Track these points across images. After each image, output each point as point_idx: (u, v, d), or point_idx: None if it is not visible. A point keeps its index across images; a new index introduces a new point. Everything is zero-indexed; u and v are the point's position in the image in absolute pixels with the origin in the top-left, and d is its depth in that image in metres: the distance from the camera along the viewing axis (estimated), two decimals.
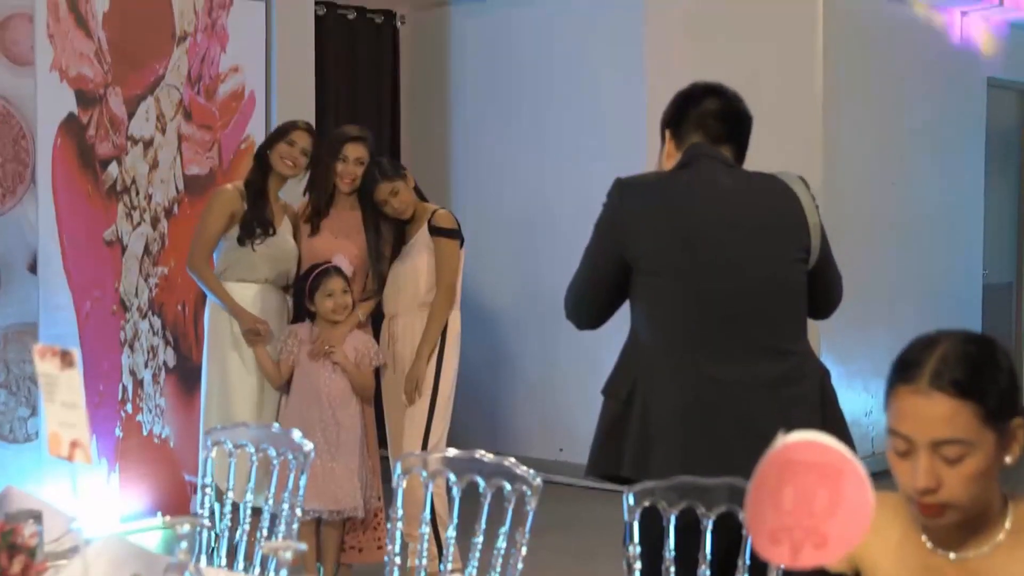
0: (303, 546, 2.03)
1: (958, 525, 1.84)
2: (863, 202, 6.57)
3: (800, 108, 6.22)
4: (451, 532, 2.82)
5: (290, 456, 2.95)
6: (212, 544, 3.15)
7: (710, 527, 2.43)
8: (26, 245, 5.20)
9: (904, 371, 1.83)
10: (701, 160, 2.93)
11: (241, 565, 2.98)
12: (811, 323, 3.00)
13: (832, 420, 2.87)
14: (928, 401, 1.79)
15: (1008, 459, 1.84)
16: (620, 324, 3.01)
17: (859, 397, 6.44)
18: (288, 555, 2.07)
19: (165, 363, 5.62)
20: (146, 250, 5.54)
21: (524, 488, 2.60)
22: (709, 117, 2.97)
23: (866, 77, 6.55)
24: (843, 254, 6.40)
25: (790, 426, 1.55)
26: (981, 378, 1.80)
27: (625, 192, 2.93)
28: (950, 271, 7.29)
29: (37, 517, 2.29)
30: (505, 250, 6.77)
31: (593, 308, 3.02)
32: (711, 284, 2.85)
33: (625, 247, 2.90)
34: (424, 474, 2.79)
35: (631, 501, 2.50)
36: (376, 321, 4.83)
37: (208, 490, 3.08)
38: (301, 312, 4.62)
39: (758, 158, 3.07)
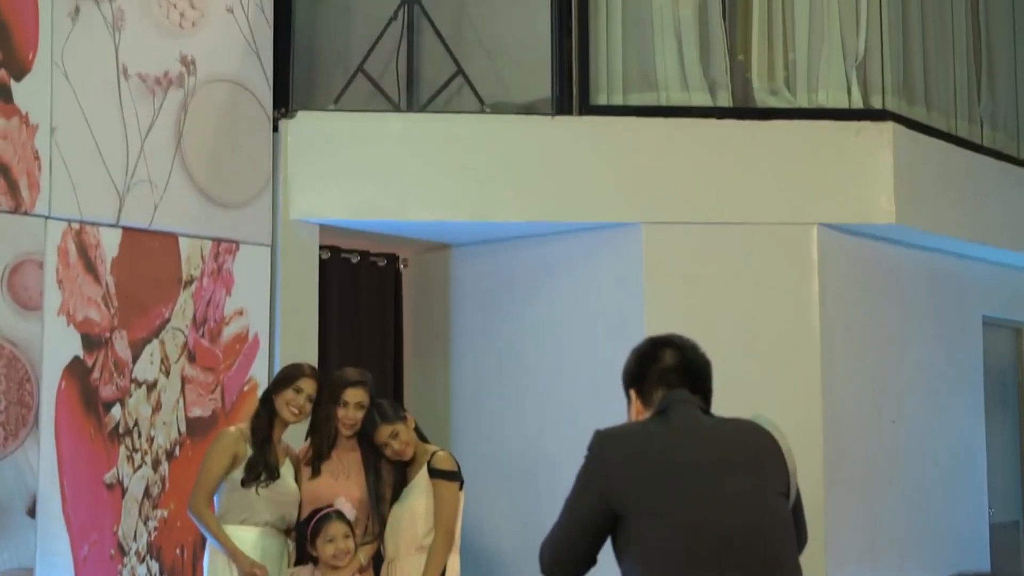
0: None
1: None
2: (863, 441, 6.56)
3: (798, 349, 6.28)
4: None
5: None
6: None
7: None
8: (26, 489, 5.18)
9: None
10: (678, 405, 2.98)
11: None
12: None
13: None
14: None
15: None
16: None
17: None
18: None
19: None
20: (146, 493, 5.52)
21: None
22: (670, 372, 3.03)
23: (863, 317, 6.63)
24: (845, 493, 6.37)
25: None
26: None
27: (606, 442, 2.96)
28: (955, 510, 7.23)
29: None
30: (506, 492, 6.73)
31: (571, 562, 2.99)
32: (705, 517, 2.84)
33: (611, 495, 2.89)
34: None
35: None
36: (377, 563, 4.78)
37: None
38: (303, 555, 4.58)
39: (757, 399, 3.10)
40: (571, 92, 6.35)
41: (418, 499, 4.69)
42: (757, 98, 6.54)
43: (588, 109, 6.36)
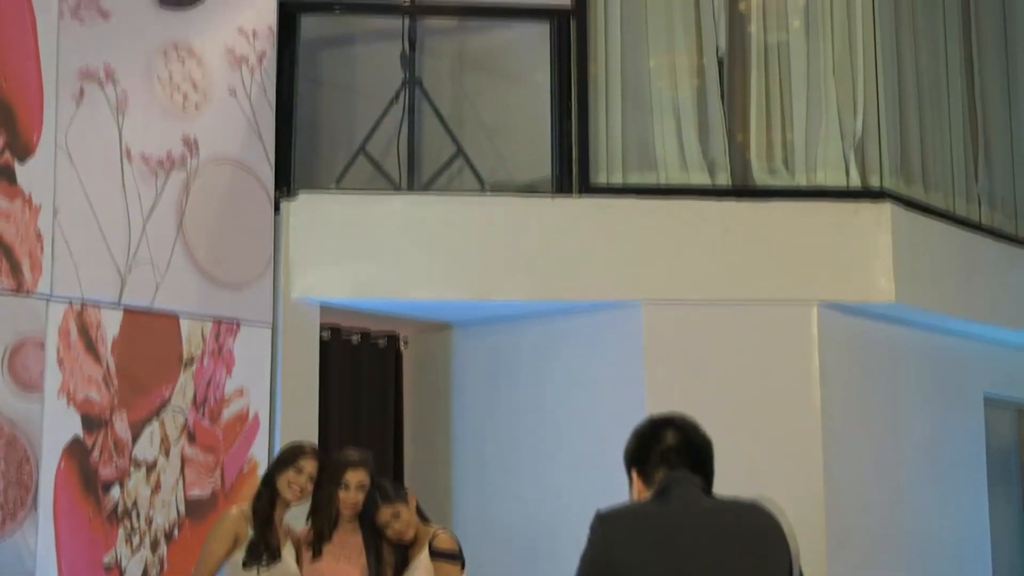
0: None
1: None
2: (865, 521, 6.53)
3: (799, 428, 6.26)
4: None
5: None
6: None
7: None
8: (24, 571, 5.14)
9: None
10: (679, 485, 2.97)
11: None
12: None
13: None
14: None
15: None
16: None
17: None
18: None
19: None
20: (145, 575, 5.48)
21: None
22: (671, 452, 3.03)
23: (863, 396, 6.62)
24: (848, 574, 6.30)
25: None
26: None
27: (607, 522, 2.95)
28: None
29: None
30: (507, 570, 6.68)
31: None
32: None
33: (614, 574, 2.88)
34: None
35: None
36: None
37: None
38: None
39: (759, 478, 3.10)
40: (571, 172, 6.40)
41: None
42: (756, 178, 6.58)
43: (588, 189, 6.40)
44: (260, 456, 5.86)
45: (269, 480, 4.71)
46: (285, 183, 6.25)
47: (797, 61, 6.67)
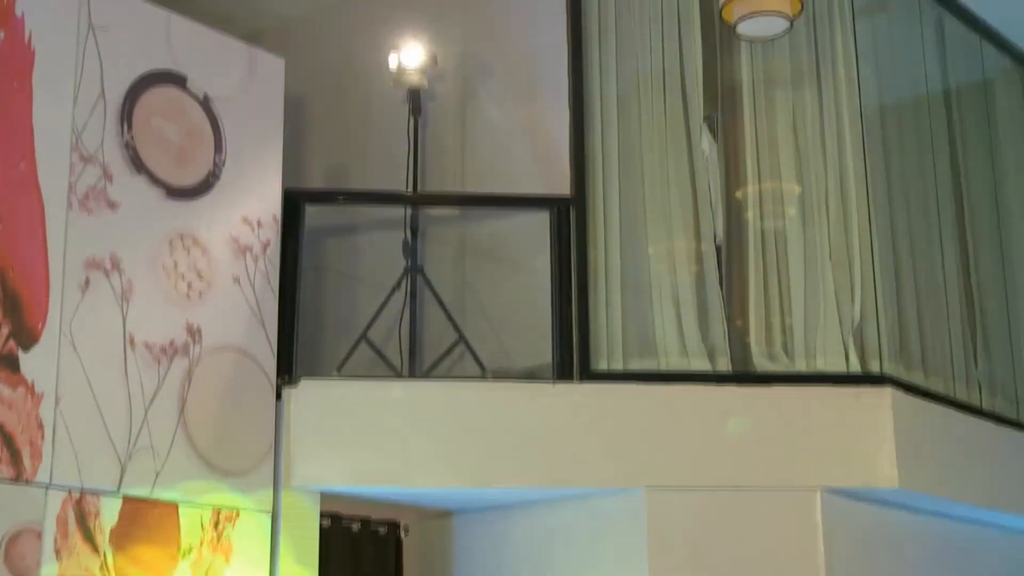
0: None
1: None
2: None
3: None
4: None
5: None
6: None
7: None
8: None
9: None
10: None
11: None
12: None
13: None
14: None
15: None
16: None
17: None
18: None
19: None
20: None
21: None
22: None
23: None
24: None
25: None
26: None
27: None
28: None
29: None
30: None
31: None
32: None
33: None
34: None
35: None
36: None
37: None
38: None
39: None
40: (572, 358, 6.43)
41: None
42: (756, 363, 6.61)
43: (589, 375, 6.42)
44: None
45: None
46: (287, 370, 6.28)
47: (794, 248, 6.76)
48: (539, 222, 6.69)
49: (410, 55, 6.93)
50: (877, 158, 7.06)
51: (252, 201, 6.28)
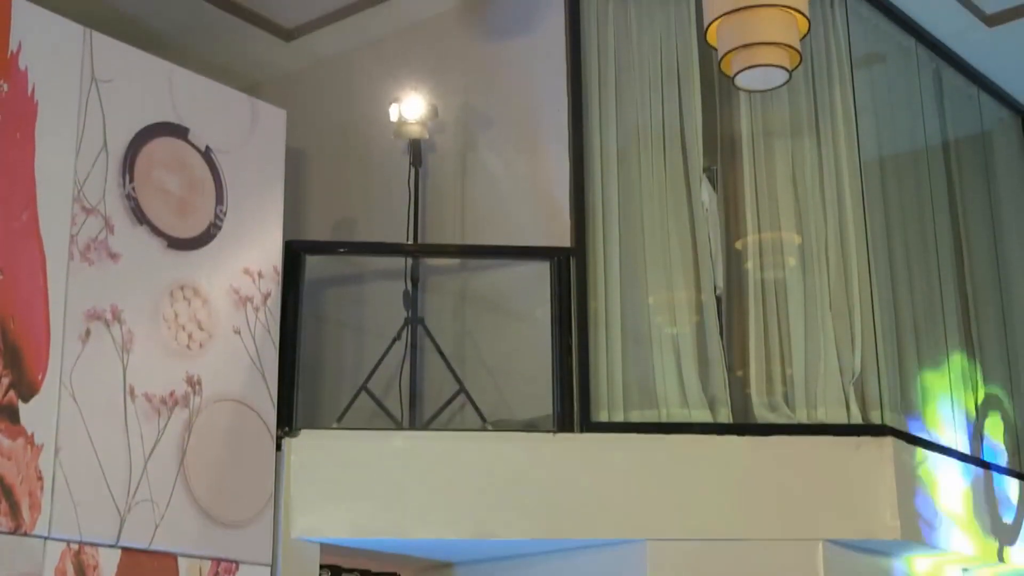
0: None
1: None
2: None
3: None
4: None
5: None
6: None
7: None
8: None
9: None
10: None
11: None
12: None
13: None
14: None
15: None
16: None
17: None
18: None
19: None
20: None
21: None
22: None
23: None
24: None
25: None
26: None
27: None
28: None
29: None
30: None
31: None
32: None
33: None
34: None
35: None
36: None
37: None
38: None
39: None
40: (572, 409, 6.41)
41: None
42: (756, 414, 6.59)
43: (589, 426, 6.40)
44: None
45: None
46: (287, 421, 6.26)
47: (794, 298, 6.77)
48: (539, 273, 6.70)
49: (411, 107, 6.96)
50: (876, 208, 7.09)
51: (253, 252, 6.29)
